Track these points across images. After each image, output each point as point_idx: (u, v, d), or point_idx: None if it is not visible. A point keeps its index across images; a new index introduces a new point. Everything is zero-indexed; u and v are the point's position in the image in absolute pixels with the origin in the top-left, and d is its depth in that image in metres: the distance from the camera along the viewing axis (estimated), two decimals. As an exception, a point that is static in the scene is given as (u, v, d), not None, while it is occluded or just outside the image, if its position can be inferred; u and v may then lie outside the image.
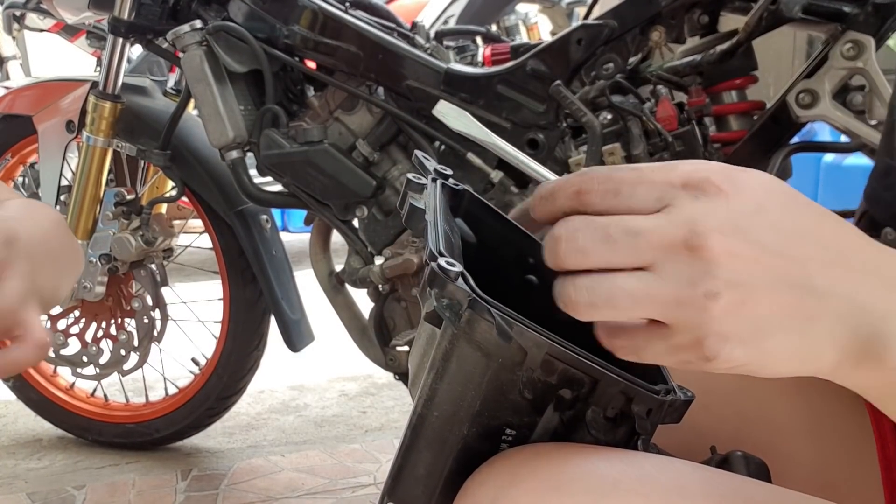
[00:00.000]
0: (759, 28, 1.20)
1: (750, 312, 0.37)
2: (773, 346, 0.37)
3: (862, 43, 1.14)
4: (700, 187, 0.37)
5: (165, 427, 1.78)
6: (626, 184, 0.38)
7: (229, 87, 1.39)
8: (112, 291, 1.72)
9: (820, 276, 0.37)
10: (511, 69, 1.31)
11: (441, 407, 0.47)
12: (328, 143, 1.37)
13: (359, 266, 1.43)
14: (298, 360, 1.86)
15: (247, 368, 1.71)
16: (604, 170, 0.39)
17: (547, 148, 1.30)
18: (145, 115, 1.59)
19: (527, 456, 0.46)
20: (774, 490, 0.48)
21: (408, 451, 0.48)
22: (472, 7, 2.38)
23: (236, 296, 1.66)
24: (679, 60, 1.28)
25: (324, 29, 1.36)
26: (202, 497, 1.64)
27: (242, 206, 1.57)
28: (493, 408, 0.46)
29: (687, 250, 0.36)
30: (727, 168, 0.39)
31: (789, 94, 1.19)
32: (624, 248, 0.37)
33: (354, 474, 1.71)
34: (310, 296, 1.66)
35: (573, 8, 3.04)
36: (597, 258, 0.38)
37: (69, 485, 1.70)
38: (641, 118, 1.24)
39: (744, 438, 0.65)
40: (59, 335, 1.76)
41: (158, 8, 1.44)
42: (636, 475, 0.45)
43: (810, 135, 1.58)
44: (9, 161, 1.81)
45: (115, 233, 1.62)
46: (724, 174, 0.38)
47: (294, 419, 2.02)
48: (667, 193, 0.38)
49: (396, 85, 1.35)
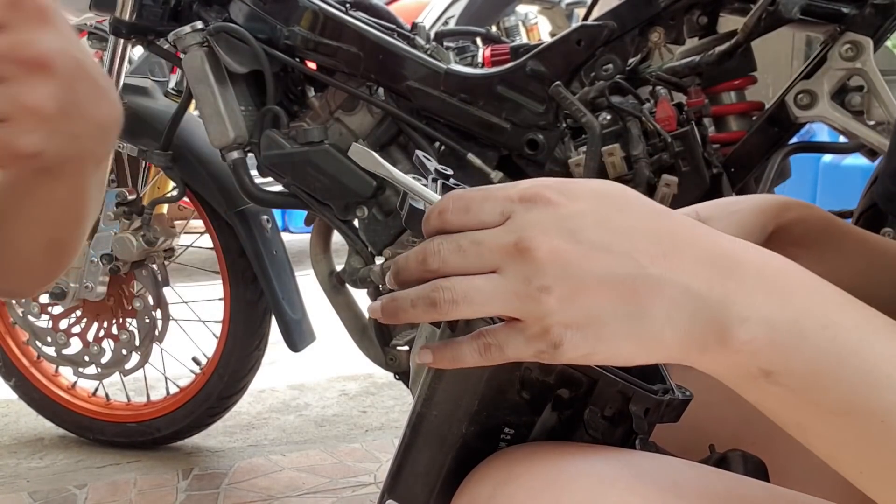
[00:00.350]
0: (757, 29, 1.20)
1: (583, 302, 0.41)
2: (610, 332, 0.41)
3: (860, 44, 1.14)
4: (532, 199, 0.43)
5: (166, 426, 1.79)
6: (475, 202, 0.44)
7: (230, 88, 1.40)
8: (113, 291, 1.72)
9: (653, 266, 0.41)
10: (511, 70, 1.32)
11: (440, 406, 0.47)
12: (329, 144, 1.37)
13: (359, 266, 1.43)
14: (299, 359, 1.87)
15: (248, 368, 1.72)
16: (459, 192, 0.45)
17: (547, 148, 1.31)
18: (147, 116, 1.59)
19: (524, 454, 0.47)
20: (772, 489, 0.48)
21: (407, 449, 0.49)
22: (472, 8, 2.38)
23: (237, 296, 1.66)
24: (678, 61, 1.29)
25: (324, 30, 1.37)
26: (203, 496, 1.64)
27: (243, 206, 1.57)
28: (491, 407, 0.47)
29: (518, 253, 0.41)
30: (560, 181, 0.44)
31: (788, 94, 1.20)
32: (472, 255, 0.42)
33: (355, 473, 1.71)
34: (310, 296, 1.66)
35: (573, 9, 3.04)
36: (453, 266, 0.43)
37: (71, 484, 1.70)
38: (641, 119, 1.24)
39: (742, 437, 0.65)
40: (60, 335, 1.76)
41: (160, 9, 1.45)
42: (633, 473, 0.45)
43: (809, 135, 1.59)
44: (10, 161, 1.81)
45: (116, 233, 1.63)
46: (556, 187, 0.43)
47: (295, 418, 2.03)
48: (507, 207, 0.43)
49: (397, 85, 1.36)
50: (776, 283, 0.41)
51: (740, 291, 0.41)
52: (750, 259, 0.42)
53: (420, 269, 0.44)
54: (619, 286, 0.41)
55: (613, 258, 0.41)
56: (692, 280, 0.41)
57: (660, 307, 0.41)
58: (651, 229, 0.42)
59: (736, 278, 0.41)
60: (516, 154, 1.33)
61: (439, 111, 1.34)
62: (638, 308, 0.41)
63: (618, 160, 1.25)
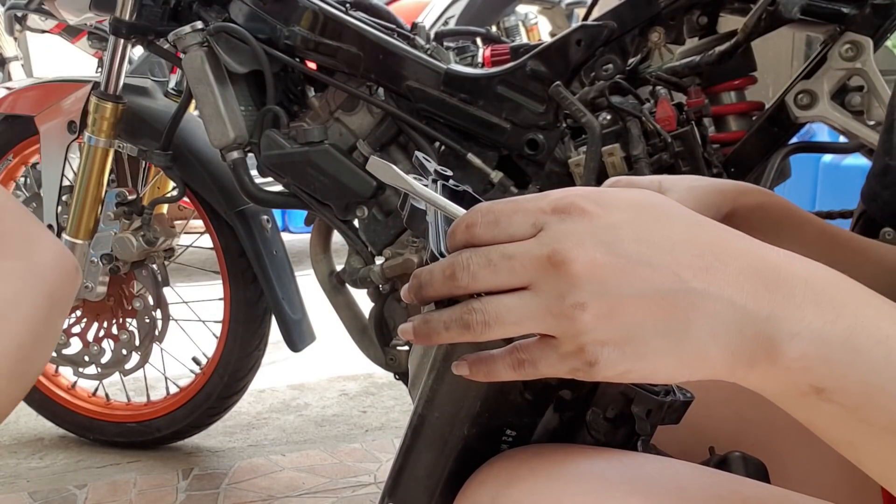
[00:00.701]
0: (757, 29, 1.20)
1: (620, 319, 0.39)
2: (650, 349, 0.39)
3: (860, 44, 1.14)
4: (566, 210, 0.41)
5: (166, 426, 1.79)
6: (504, 214, 0.42)
7: (230, 88, 1.40)
8: (113, 291, 1.72)
9: (695, 280, 0.39)
10: (511, 70, 1.32)
11: (442, 407, 0.47)
12: (329, 144, 1.37)
13: (359, 266, 1.43)
14: (299, 359, 1.87)
15: (248, 368, 1.72)
16: (487, 204, 0.43)
17: (547, 148, 1.31)
18: (147, 116, 1.59)
19: (526, 456, 0.47)
20: (773, 491, 0.48)
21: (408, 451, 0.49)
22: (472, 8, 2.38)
23: (237, 296, 1.66)
24: (678, 61, 1.29)
25: (324, 30, 1.37)
26: (203, 496, 1.64)
27: (243, 206, 1.57)
28: (493, 408, 0.47)
29: (552, 267, 0.39)
30: (594, 191, 0.42)
31: (788, 94, 1.20)
32: (503, 271, 0.41)
33: (355, 473, 1.72)
34: (310, 296, 1.66)
35: (573, 9, 3.04)
36: (484, 282, 0.41)
37: (71, 484, 1.70)
38: (641, 119, 1.24)
39: (742, 440, 0.65)
40: (61, 335, 1.76)
41: (160, 9, 1.45)
42: (635, 476, 0.45)
43: (809, 135, 1.59)
44: (11, 161, 1.82)
45: (116, 233, 1.63)
46: (591, 196, 0.41)
47: (295, 418, 2.03)
48: (539, 219, 0.41)
49: (397, 85, 1.36)
50: (825, 295, 0.39)
51: (789, 305, 0.39)
52: (796, 271, 0.40)
53: (448, 286, 0.42)
54: (660, 301, 0.39)
55: (653, 272, 0.39)
56: (737, 294, 0.39)
57: (703, 323, 0.39)
58: (692, 241, 0.40)
59: (783, 291, 0.39)
60: (516, 154, 1.33)
61: (439, 111, 1.34)
62: (680, 324, 0.39)
63: (618, 160, 1.25)
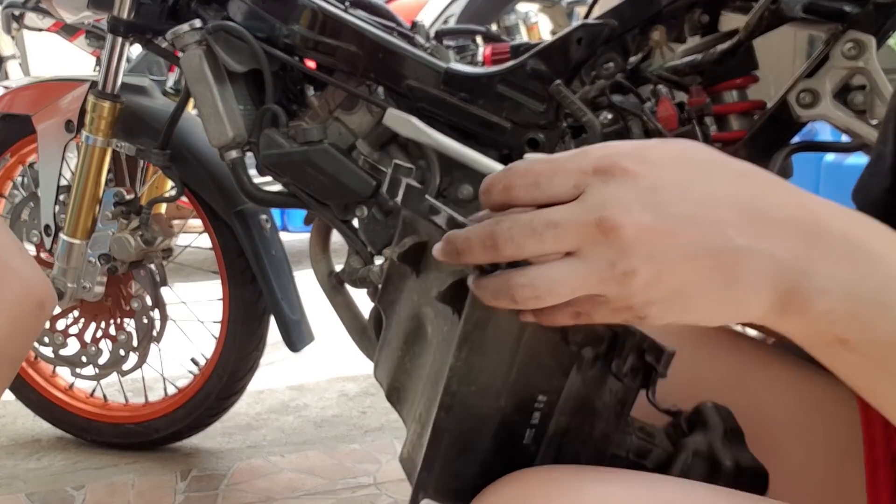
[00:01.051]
0: (759, 27, 1.19)
1: (669, 280, 0.40)
2: (696, 304, 0.41)
3: (863, 42, 1.13)
4: (608, 171, 0.40)
5: (165, 427, 1.78)
6: (543, 176, 0.41)
7: (229, 87, 1.39)
8: (111, 291, 1.71)
9: (739, 237, 0.40)
10: (511, 69, 1.31)
11: (479, 380, 0.45)
12: (328, 143, 1.36)
13: (359, 266, 1.43)
14: (298, 360, 1.86)
15: (246, 368, 1.71)
16: (523, 164, 0.42)
17: (547, 147, 1.30)
18: (145, 115, 1.59)
19: (542, 480, 0.45)
20: None
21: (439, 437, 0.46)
22: (472, 6, 2.38)
23: (236, 296, 1.66)
24: (679, 60, 1.28)
25: (323, 28, 1.36)
26: (202, 497, 1.63)
27: (242, 205, 1.57)
28: (526, 374, 0.46)
29: (601, 234, 0.39)
30: (637, 147, 0.41)
31: (790, 93, 1.19)
32: (549, 239, 0.40)
33: (354, 475, 1.71)
34: (310, 296, 1.65)
35: (573, 7, 3.04)
36: (529, 250, 0.40)
37: (68, 485, 1.69)
38: (642, 118, 1.24)
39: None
40: (58, 335, 1.75)
41: (158, 7, 1.44)
42: (655, 501, 0.44)
43: (811, 134, 1.58)
44: (8, 161, 1.81)
45: (114, 232, 1.62)
46: (634, 155, 0.40)
47: (294, 419, 2.02)
48: (581, 180, 0.40)
49: (396, 84, 1.35)
50: (861, 251, 0.40)
51: (824, 261, 0.40)
52: (836, 225, 0.41)
53: (490, 254, 0.41)
54: (708, 260, 0.40)
55: (700, 232, 0.39)
56: (778, 248, 0.40)
57: (747, 279, 0.40)
58: (736, 195, 0.41)
59: (820, 247, 0.40)
60: (517, 153, 1.33)
61: (439, 110, 1.34)
62: (725, 280, 0.40)
63: (619, 159, 1.24)
